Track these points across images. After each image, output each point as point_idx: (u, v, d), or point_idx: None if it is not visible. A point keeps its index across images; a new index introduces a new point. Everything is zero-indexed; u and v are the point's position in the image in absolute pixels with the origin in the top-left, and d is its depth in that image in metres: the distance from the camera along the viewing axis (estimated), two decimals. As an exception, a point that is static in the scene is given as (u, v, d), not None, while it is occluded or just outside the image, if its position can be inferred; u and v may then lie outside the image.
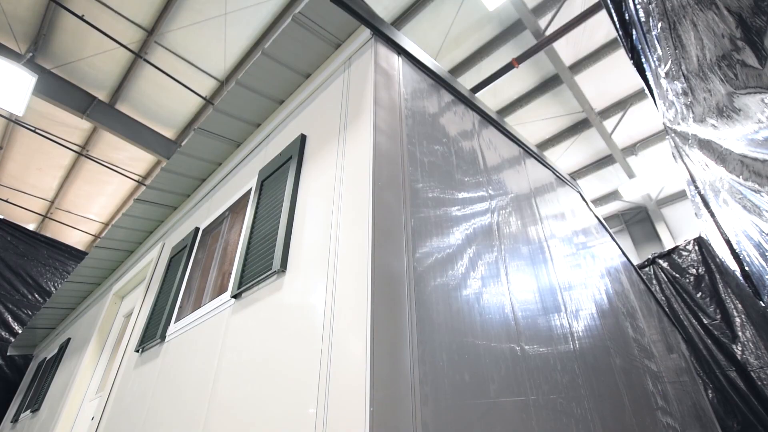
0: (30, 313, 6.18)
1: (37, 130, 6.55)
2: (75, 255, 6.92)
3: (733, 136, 1.27)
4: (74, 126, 6.97)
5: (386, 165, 1.39)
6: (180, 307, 2.19)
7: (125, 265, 3.72)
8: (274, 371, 1.28)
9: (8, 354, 5.87)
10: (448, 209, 1.59)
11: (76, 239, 10.01)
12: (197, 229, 2.53)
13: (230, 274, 1.87)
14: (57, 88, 5.47)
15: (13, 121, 6.44)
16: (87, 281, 4.16)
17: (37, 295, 6.36)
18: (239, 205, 2.20)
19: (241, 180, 2.31)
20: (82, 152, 7.44)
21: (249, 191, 2.13)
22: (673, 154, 2.64)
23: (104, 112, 5.91)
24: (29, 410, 4.19)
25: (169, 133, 7.01)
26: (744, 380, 5.25)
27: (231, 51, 5.71)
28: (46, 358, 4.93)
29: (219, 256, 2.10)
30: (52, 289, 6.49)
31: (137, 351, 2.35)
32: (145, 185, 7.93)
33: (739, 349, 5.41)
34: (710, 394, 5.39)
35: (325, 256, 1.33)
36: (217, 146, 2.48)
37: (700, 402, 3.99)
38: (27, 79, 4.76)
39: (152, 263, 2.96)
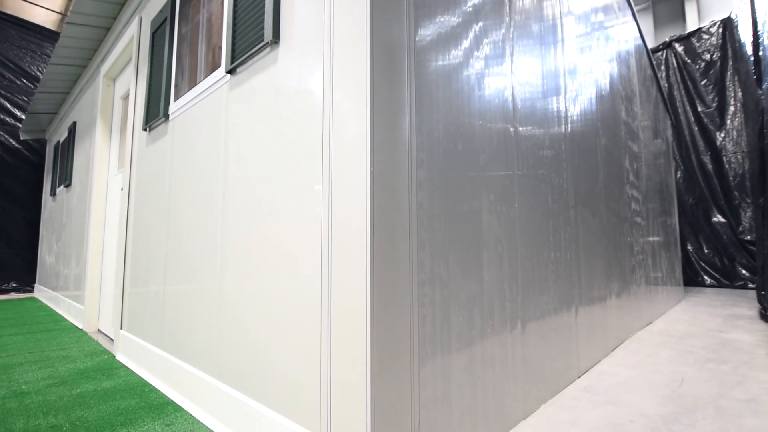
0: (26, 99, 6.13)
1: None
2: (48, 36, 6.39)
3: None
4: None
5: None
6: (176, 85, 2.17)
7: (107, 44, 3.48)
8: (281, 152, 1.37)
9: (22, 138, 6.11)
10: (456, -31, 1.40)
11: (43, 18, 9.04)
12: (174, -2, 2.27)
13: (220, 47, 1.79)
14: None
15: None
16: (71, 63, 3.97)
17: (25, 81, 6.18)
18: (217, -33, 1.91)
19: (213, -68, 1.94)
20: None
21: (225, -53, 1.82)
22: None
23: None
24: (62, 185, 4.64)
25: None
26: (714, 163, 5.69)
27: None
28: (59, 141, 5.15)
29: (205, 29, 1.95)
30: (38, 73, 6.25)
31: (145, 130, 2.45)
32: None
33: (722, 136, 5.65)
34: (678, 175, 5.93)
35: (320, 23, 1.25)
36: None
37: (667, 180, 4.41)
38: None
39: (134, 40, 2.77)
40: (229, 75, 1.69)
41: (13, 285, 6.14)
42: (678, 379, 1.97)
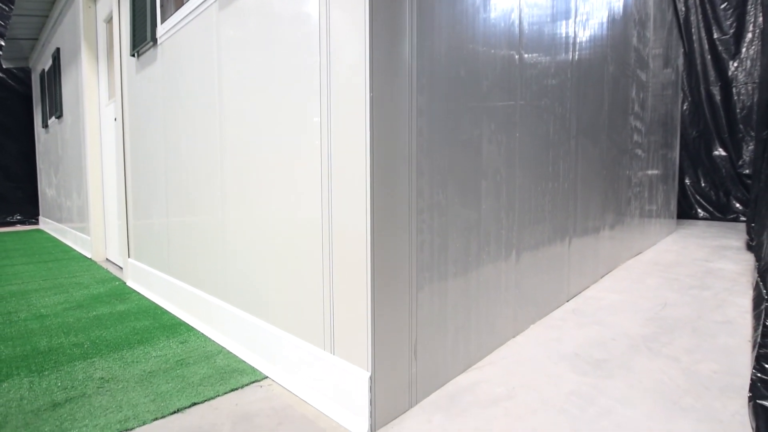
0: (2, 23, 5.78)
1: None
2: (16, -51, 5.86)
3: None
4: None
5: None
6: (162, 5, 2.04)
7: (82, -40, 3.21)
8: (277, 80, 1.32)
9: (4, 67, 5.84)
10: None
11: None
12: None
13: (209, -38, 1.66)
14: None
15: None
16: (46, -19, 3.68)
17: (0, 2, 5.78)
18: None
19: None
20: None
21: None
22: None
23: None
24: (53, 117, 4.52)
25: None
26: (723, 95, 5.53)
27: None
28: (44, 69, 4.93)
29: (190, -59, 1.79)
30: (11, -6, 5.82)
31: (133, 55, 2.34)
32: None
33: (735, 65, 5.43)
34: (684, 106, 5.78)
35: (315, -69, 1.15)
36: None
37: (672, 112, 4.32)
38: None
39: (113, -45, 2.55)
40: (218, -7, 1.58)
41: (18, 217, 6.22)
42: (661, 304, 2.09)
